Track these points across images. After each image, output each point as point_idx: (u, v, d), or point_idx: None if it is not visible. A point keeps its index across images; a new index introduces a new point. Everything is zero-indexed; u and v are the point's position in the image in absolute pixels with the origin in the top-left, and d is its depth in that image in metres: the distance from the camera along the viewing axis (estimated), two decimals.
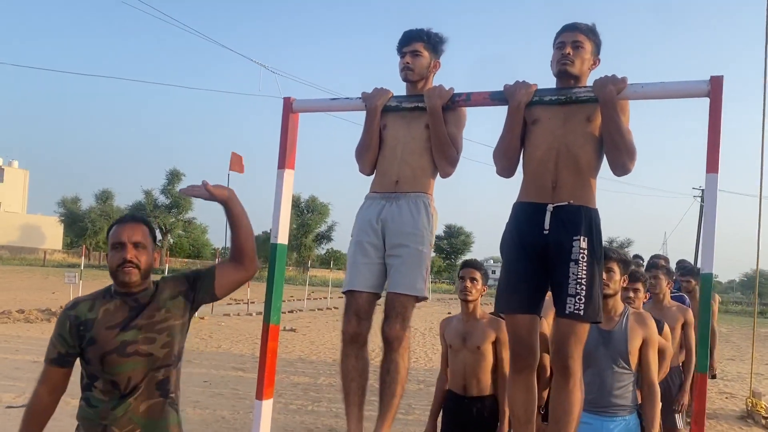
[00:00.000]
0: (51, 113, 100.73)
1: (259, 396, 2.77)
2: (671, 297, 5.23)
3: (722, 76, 2.23)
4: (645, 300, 4.27)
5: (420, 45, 2.82)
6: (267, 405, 2.77)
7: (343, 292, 2.83)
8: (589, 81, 2.53)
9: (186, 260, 53.43)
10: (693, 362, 5.13)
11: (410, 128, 2.79)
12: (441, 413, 3.70)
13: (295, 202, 47.89)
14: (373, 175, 2.91)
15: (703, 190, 41.52)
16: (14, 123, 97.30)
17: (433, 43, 2.86)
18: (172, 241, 52.69)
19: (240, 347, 12.01)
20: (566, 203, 2.49)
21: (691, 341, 5.02)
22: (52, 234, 55.40)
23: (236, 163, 23.38)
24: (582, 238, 2.46)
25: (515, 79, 2.55)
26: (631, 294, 3.80)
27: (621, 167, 2.47)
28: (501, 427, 3.46)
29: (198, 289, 2.36)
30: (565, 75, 2.55)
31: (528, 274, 2.57)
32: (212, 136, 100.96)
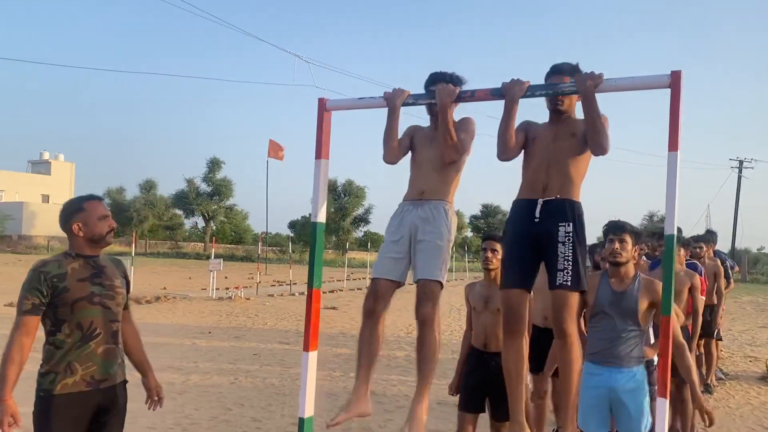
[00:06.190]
0: (95, 107, 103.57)
1: (306, 348, 3.32)
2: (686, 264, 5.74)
3: (680, 70, 2.65)
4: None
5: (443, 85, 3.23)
6: (312, 355, 3.32)
7: (371, 279, 3.40)
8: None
9: (229, 245, 54.71)
10: (699, 324, 5.55)
11: (432, 148, 3.32)
12: (464, 366, 4.23)
13: (332, 187, 48.23)
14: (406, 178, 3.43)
15: (740, 161, 40.82)
16: (59, 117, 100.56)
17: (454, 83, 3.23)
18: (214, 227, 54.05)
19: (285, 323, 12.74)
20: (554, 197, 3.01)
21: (698, 304, 5.44)
22: None
23: (275, 150, 24.14)
24: (567, 224, 2.97)
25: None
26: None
27: (599, 147, 2.93)
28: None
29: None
30: (558, 114, 3.11)
31: (521, 256, 3.09)
32: (251, 124, 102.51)
